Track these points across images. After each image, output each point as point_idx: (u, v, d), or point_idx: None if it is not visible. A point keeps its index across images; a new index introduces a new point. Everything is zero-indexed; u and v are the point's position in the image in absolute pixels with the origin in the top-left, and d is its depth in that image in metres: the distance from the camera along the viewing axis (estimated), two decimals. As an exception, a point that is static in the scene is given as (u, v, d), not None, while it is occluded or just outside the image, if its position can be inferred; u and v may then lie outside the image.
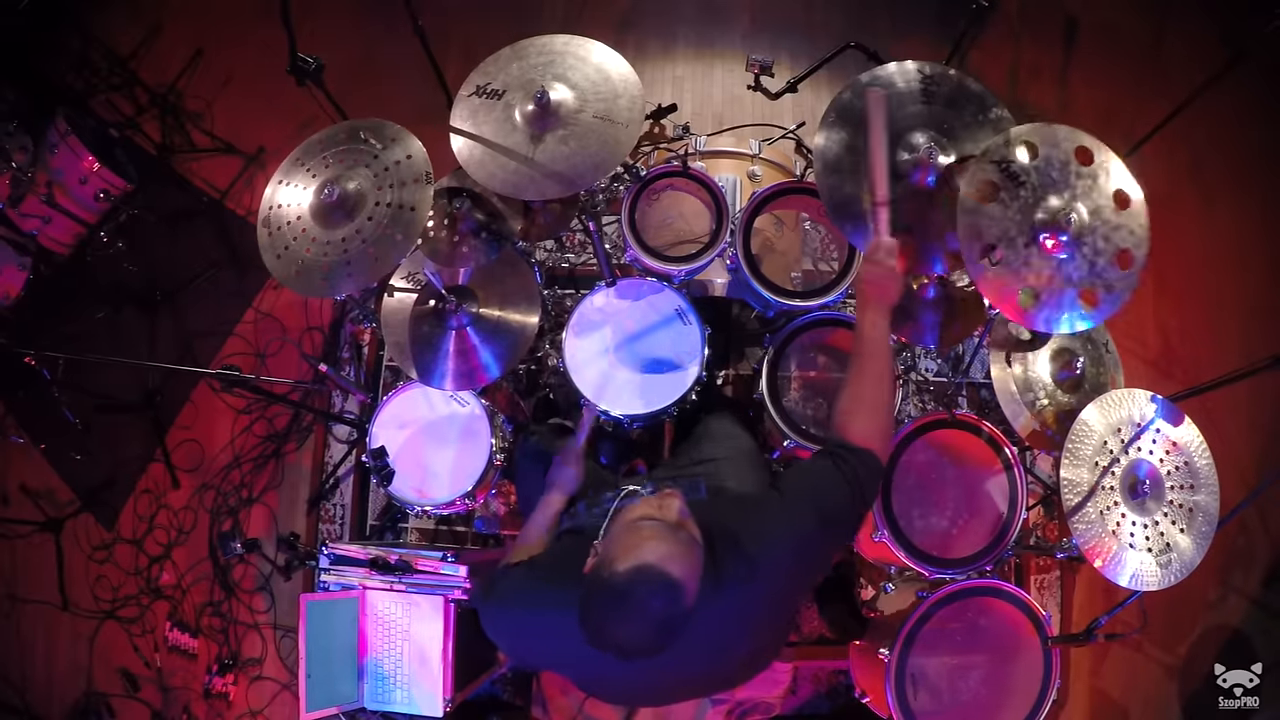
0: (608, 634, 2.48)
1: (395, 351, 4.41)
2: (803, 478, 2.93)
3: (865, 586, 5.28)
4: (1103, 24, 6.64)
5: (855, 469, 2.84)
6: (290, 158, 4.07)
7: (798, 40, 6.59)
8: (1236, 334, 6.00)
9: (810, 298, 4.53)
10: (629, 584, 2.42)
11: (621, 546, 2.52)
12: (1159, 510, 3.74)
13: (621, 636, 2.46)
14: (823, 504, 2.81)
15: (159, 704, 5.77)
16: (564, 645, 2.81)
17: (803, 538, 2.78)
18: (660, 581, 2.42)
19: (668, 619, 2.45)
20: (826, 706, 5.44)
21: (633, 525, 2.59)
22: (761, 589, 2.71)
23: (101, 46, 6.68)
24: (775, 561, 2.73)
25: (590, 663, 2.79)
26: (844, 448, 2.90)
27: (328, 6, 6.67)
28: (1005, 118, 3.67)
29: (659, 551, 2.46)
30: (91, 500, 6.07)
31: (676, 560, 2.46)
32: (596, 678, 3.03)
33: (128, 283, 6.24)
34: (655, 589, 2.41)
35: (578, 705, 4.79)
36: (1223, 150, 6.33)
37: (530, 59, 4.03)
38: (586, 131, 3.84)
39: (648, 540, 2.50)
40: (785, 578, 2.79)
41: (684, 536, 2.56)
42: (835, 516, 2.83)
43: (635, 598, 2.41)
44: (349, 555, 4.51)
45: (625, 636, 2.46)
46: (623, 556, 2.47)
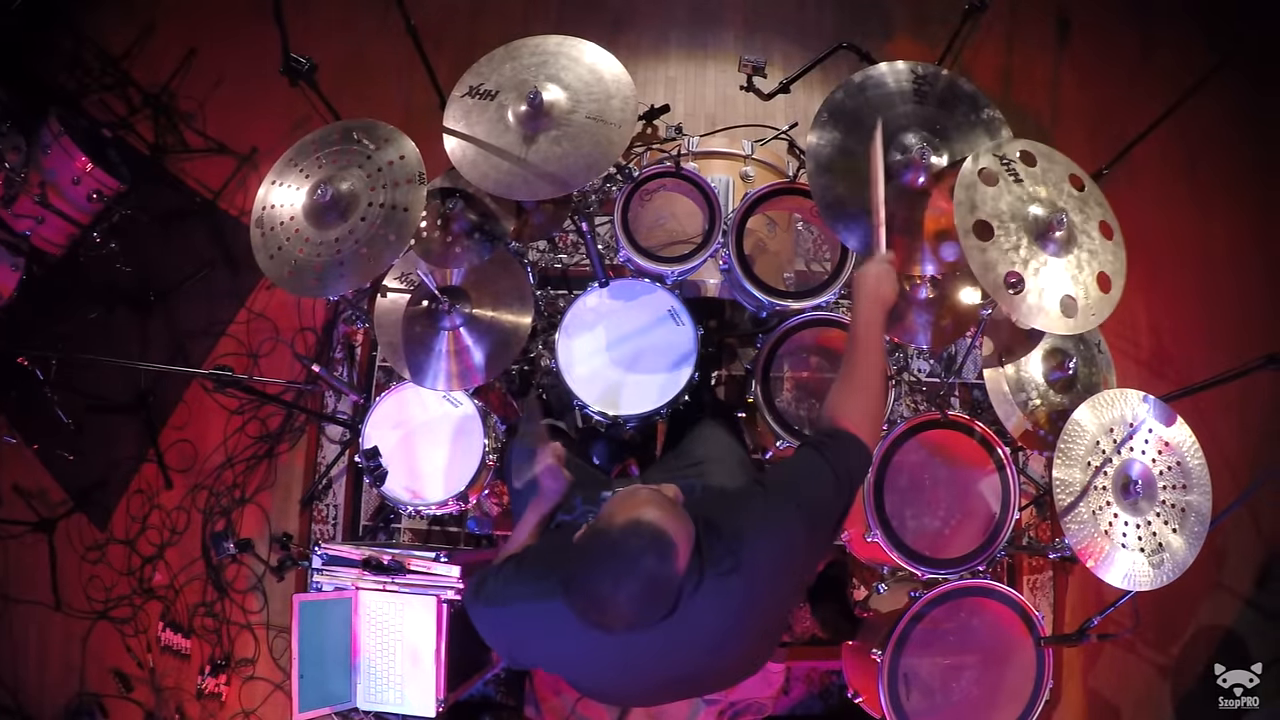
0: (595, 594, 2.49)
1: (388, 352, 4.42)
2: (786, 469, 2.95)
3: (858, 586, 5.30)
4: (1095, 24, 6.65)
5: (840, 456, 2.86)
6: (283, 158, 4.08)
7: (790, 41, 6.61)
8: (1229, 334, 6.01)
9: (803, 298, 4.53)
10: (623, 535, 2.45)
11: (618, 507, 2.55)
12: (1151, 510, 3.74)
13: (608, 593, 2.46)
14: (805, 494, 2.82)
15: (152, 704, 5.76)
16: (556, 637, 2.84)
17: (786, 527, 2.79)
18: (653, 535, 2.44)
19: (657, 580, 2.47)
20: (819, 707, 5.44)
21: (630, 491, 2.62)
22: (747, 579, 2.71)
23: (94, 46, 6.67)
24: (760, 552, 2.73)
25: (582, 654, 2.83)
26: (830, 435, 2.92)
27: (320, 6, 6.68)
28: (997, 118, 3.69)
29: (654, 512, 2.49)
30: (84, 500, 6.06)
31: (671, 521, 2.49)
32: (589, 672, 3.02)
33: (121, 283, 6.23)
34: (647, 543, 2.44)
35: (570, 705, 4.79)
36: (1216, 151, 6.34)
37: (523, 59, 4.05)
38: (579, 132, 3.85)
39: (644, 503, 2.53)
40: (770, 568, 2.78)
41: (680, 509, 2.59)
42: (818, 505, 2.83)
43: (628, 550, 2.44)
44: (342, 555, 4.52)
45: (612, 593, 2.46)
46: (619, 513, 2.50)
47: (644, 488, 2.63)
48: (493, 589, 2.96)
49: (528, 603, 2.87)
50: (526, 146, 3.85)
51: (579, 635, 2.68)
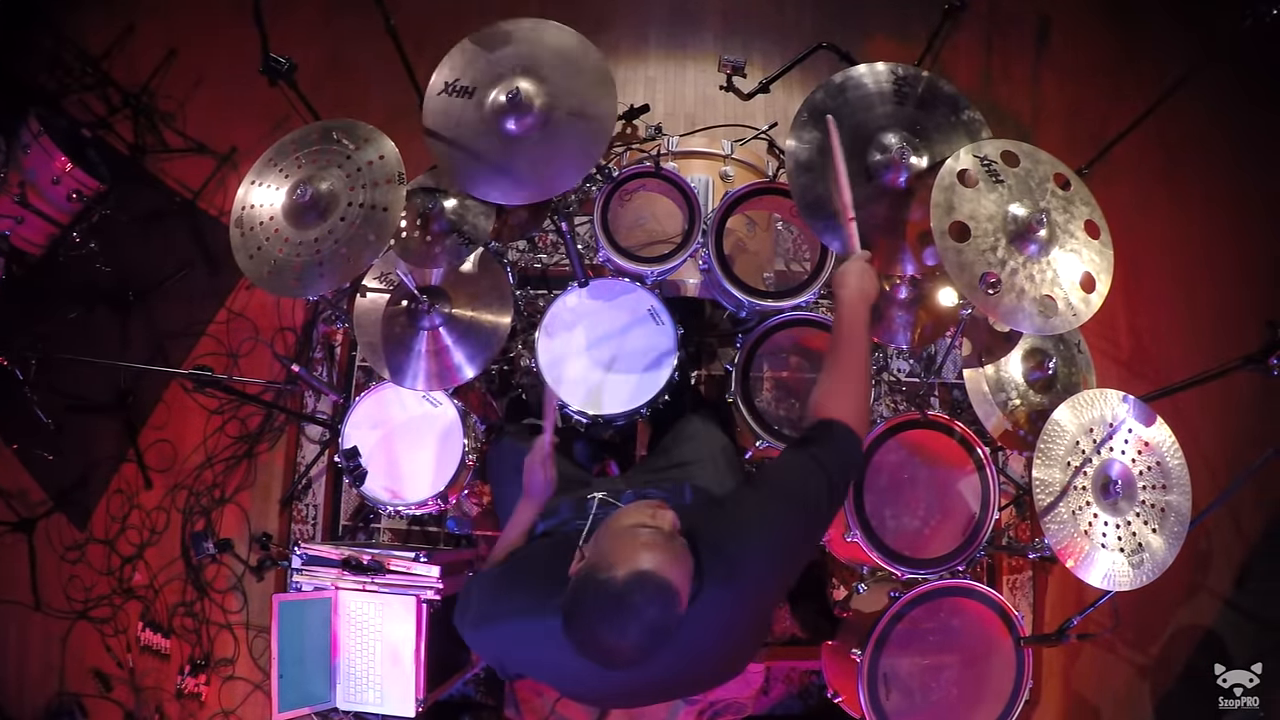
0: (598, 640, 2.47)
1: (368, 352, 4.40)
2: (777, 473, 2.93)
3: (837, 586, 5.30)
4: (1075, 24, 6.66)
5: (832, 452, 2.86)
6: (263, 158, 4.08)
7: (770, 41, 6.61)
8: (1208, 334, 6.03)
9: (783, 298, 4.53)
10: (626, 589, 2.41)
11: (618, 553, 2.50)
12: (1131, 510, 3.75)
13: (612, 643, 2.45)
14: (799, 497, 2.81)
15: (131, 704, 5.75)
16: (542, 650, 2.83)
17: (781, 533, 2.79)
18: (657, 588, 2.42)
19: (660, 627, 2.45)
20: (799, 706, 5.44)
21: (629, 531, 2.58)
22: (741, 588, 2.71)
23: (74, 46, 6.65)
24: (754, 559, 2.72)
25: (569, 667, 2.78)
26: (818, 429, 2.92)
27: (300, 6, 6.67)
28: (977, 119, 3.70)
29: (657, 559, 2.46)
30: (64, 500, 6.05)
31: (672, 568, 2.47)
32: (573, 681, 3.00)
33: (100, 283, 6.22)
34: (652, 596, 2.41)
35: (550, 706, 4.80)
36: (1195, 151, 6.36)
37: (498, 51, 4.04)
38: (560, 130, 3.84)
39: (645, 548, 2.49)
40: (764, 575, 2.78)
41: (679, 545, 2.57)
42: (812, 507, 2.82)
43: (632, 604, 2.40)
44: (321, 555, 4.52)
45: (616, 643, 2.44)
46: (621, 562, 2.46)
47: (644, 528, 2.58)
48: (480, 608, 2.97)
49: (517, 620, 2.86)
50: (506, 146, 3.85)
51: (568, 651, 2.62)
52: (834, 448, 2.87)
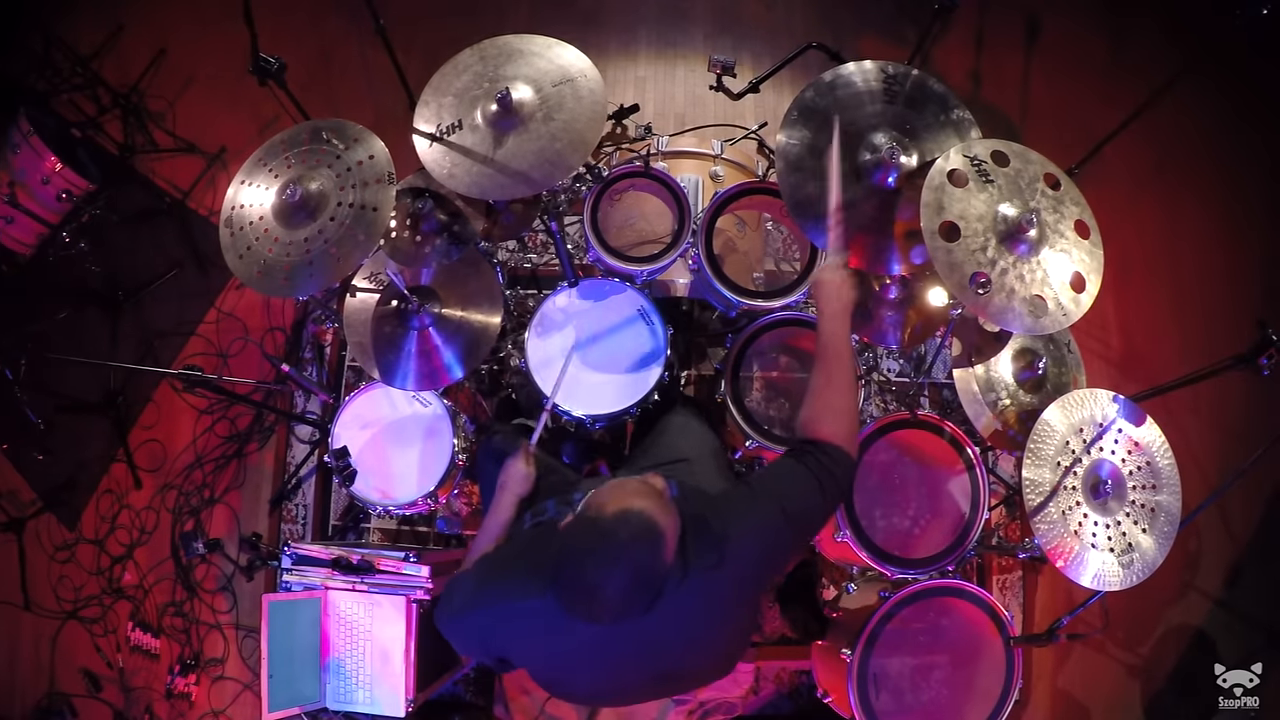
0: (585, 580, 2.49)
1: (357, 352, 4.41)
2: (771, 475, 2.96)
3: (827, 586, 5.30)
4: (1065, 24, 6.67)
5: (823, 465, 2.87)
6: (252, 158, 4.06)
7: (759, 41, 6.62)
8: (1198, 334, 6.03)
9: (772, 298, 4.53)
10: (614, 524, 2.46)
11: (608, 495, 2.57)
12: (1121, 510, 3.76)
13: (599, 582, 2.47)
14: (790, 501, 2.83)
15: (121, 704, 5.74)
16: (531, 636, 2.84)
17: (772, 529, 2.81)
18: (644, 526, 2.46)
19: (644, 570, 2.49)
20: (789, 706, 5.45)
21: (619, 483, 2.64)
22: (728, 577, 2.72)
23: (64, 46, 6.62)
24: (745, 550, 2.75)
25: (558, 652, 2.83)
26: (811, 445, 2.94)
27: (289, 6, 6.66)
28: (967, 118, 3.70)
29: (645, 503, 2.51)
30: (53, 500, 6.04)
31: (659, 512, 2.51)
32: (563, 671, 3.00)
33: (90, 283, 6.21)
34: (638, 533, 2.45)
35: (539, 705, 4.80)
36: (1186, 151, 6.37)
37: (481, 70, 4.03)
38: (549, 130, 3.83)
39: (635, 493, 2.55)
40: (753, 568, 2.81)
41: (668, 501, 2.62)
42: (802, 512, 2.85)
43: (619, 539, 2.45)
44: (311, 555, 4.50)
45: (603, 583, 2.46)
46: (610, 502, 2.52)
47: (632, 479, 2.66)
48: (463, 597, 2.97)
49: (503, 604, 2.86)
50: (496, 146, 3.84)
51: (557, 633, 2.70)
52: (826, 463, 2.89)
